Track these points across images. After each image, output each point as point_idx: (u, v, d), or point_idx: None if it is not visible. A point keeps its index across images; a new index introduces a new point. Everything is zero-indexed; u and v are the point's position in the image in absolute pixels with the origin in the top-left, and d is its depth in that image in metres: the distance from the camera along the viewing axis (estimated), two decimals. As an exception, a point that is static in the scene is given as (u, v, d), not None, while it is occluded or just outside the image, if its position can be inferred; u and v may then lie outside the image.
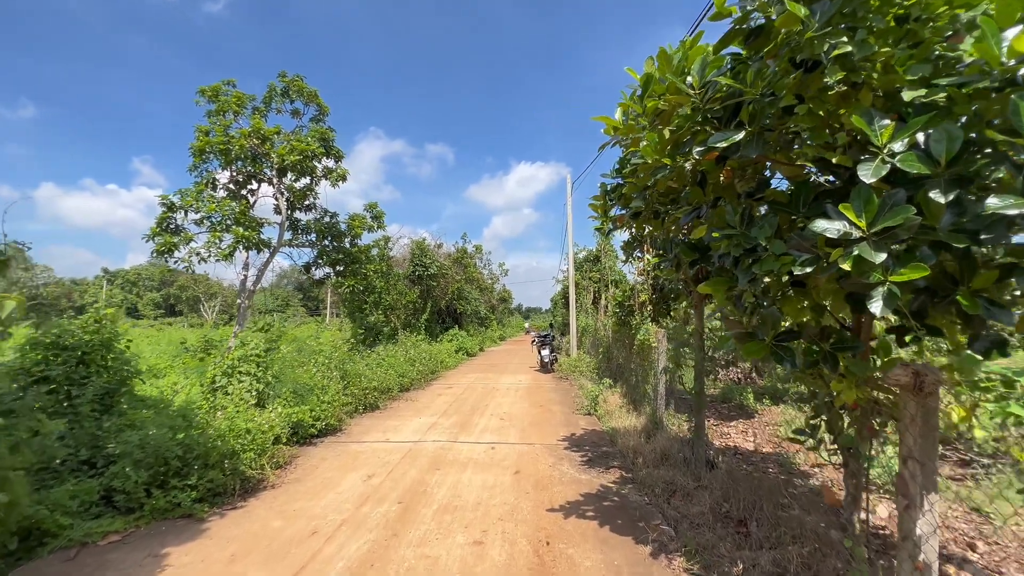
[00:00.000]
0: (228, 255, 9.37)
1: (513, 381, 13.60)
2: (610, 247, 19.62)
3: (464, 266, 26.21)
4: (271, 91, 11.06)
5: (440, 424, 8.10)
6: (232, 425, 5.27)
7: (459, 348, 21.62)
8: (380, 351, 12.95)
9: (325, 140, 11.06)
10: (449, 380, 14.02)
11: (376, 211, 12.72)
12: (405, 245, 23.66)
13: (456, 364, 18.31)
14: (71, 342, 5.92)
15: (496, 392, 11.59)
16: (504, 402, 10.20)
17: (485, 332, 31.08)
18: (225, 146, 9.60)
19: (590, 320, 19.60)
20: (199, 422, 5.31)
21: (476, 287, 30.57)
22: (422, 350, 14.24)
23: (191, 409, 5.80)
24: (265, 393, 6.65)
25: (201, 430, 4.96)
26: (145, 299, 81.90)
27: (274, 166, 10.90)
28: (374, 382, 9.41)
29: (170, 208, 9.29)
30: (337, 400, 7.63)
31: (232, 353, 6.61)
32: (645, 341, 8.35)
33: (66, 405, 5.28)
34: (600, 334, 14.31)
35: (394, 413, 9.09)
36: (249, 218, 9.91)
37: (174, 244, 9.08)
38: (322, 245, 12.57)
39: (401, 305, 21.76)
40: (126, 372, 6.08)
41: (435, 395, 11.24)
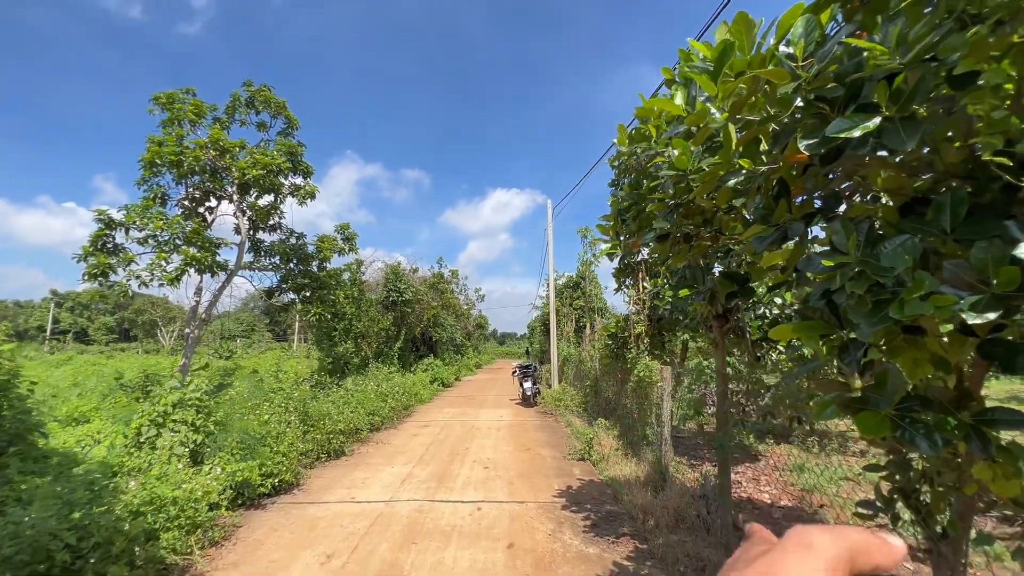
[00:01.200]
0: (175, 279, 8.22)
1: (494, 417, 12.58)
2: (592, 273, 19.06)
3: (440, 291, 25.23)
4: (234, 100, 10.12)
5: (415, 475, 7.04)
6: (152, 495, 4.16)
7: (434, 378, 20.44)
8: (349, 385, 11.77)
9: (293, 155, 10.14)
10: (425, 416, 12.88)
11: (348, 232, 11.76)
12: (379, 269, 22.60)
13: (431, 397, 17.13)
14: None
15: (477, 431, 10.55)
16: (487, 444, 9.19)
17: (461, 360, 29.89)
18: (177, 157, 8.56)
19: (572, 349, 18.82)
20: (111, 490, 4.18)
21: (452, 313, 29.53)
22: (395, 383, 13.11)
23: (105, 472, 4.64)
24: (205, 446, 5.51)
25: (107, 506, 3.84)
26: (97, 323, 77.10)
27: (235, 181, 9.89)
28: (340, 424, 8.29)
29: (108, 225, 8.12)
30: (294, 450, 6.51)
31: (165, 397, 5.48)
32: (644, 377, 7.59)
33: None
34: (587, 365, 13.52)
35: (363, 460, 7.97)
36: (203, 238, 8.81)
37: (109, 266, 7.89)
38: (287, 268, 11.48)
39: (373, 333, 20.53)
40: (23, 424, 4.89)
41: (409, 436, 10.12)
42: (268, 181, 9.65)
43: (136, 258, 8.29)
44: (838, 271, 1.87)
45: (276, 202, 10.57)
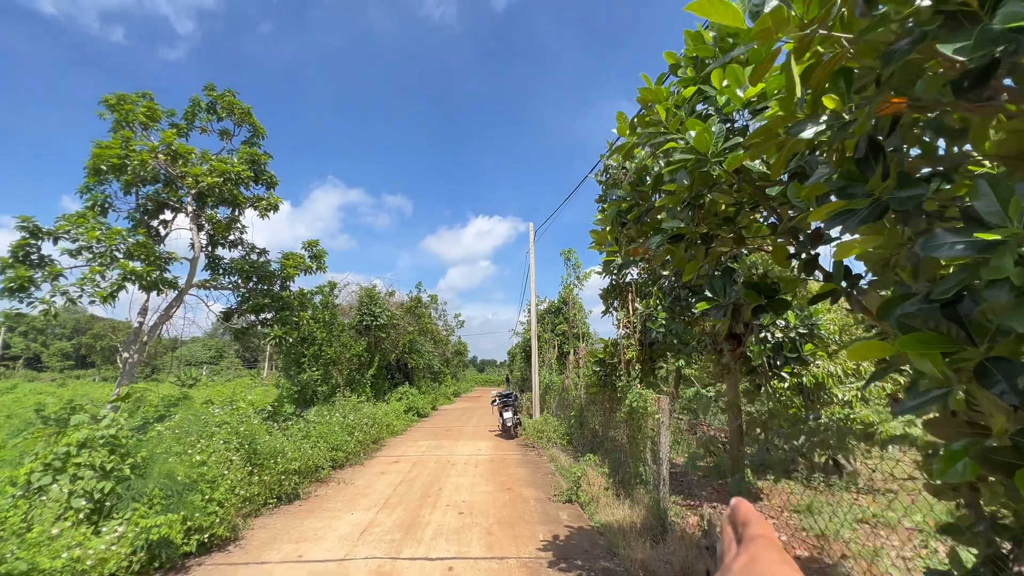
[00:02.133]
0: (110, 295, 7.22)
1: (472, 451, 11.60)
2: (575, 298, 18.46)
3: (418, 316, 24.26)
4: (194, 105, 9.35)
5: (379, 524, 6.08)
6: (12, 569, 3.18)
7: (409, 408, 19.28)
8: (311, 416, 10.68)
9: (255, 163, 9.36)
10: (396, 449, 11.81)
11: (316, 250, 10.90)
12: (353, 292, 21.58)
13: (405, 428, 16.02)
14: None
15: (452, 468, 9.58)
16: (463, 484, 8.24)
17: (438, 388, 28.69)
18: (120, 161, 7.69)
19: (555, 377, 18.01)
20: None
21: (430, 339, 28.46)
22: (364, 413, 12.04)
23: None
24: (115, 496, 4.50)
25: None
26: (52, 348, 72.89)
27: (190, 191, 9.02)
28: (294, 462, 7.27)
29: (33, 233, 7.13)
30: (232, 496, 5.50)
31: (69, 435, 4.50)
32: (638, 407, 6.87)
33: None
34: (571, 394, 12.74)
35: (319, 505, 6.94)
36: (147, 250, 7.87)
37: (29, 280, 6.86)
38: (247, 288, 10.51)
39: (345, 359, 19.36)
40: None
41: (376, 474, 9.09)
42: (226, 191, 8.80)
43: (64, 272, 7.28)
44: (995, 251, 1.22)
45: (235, 215, 9.71)
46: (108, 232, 7.49)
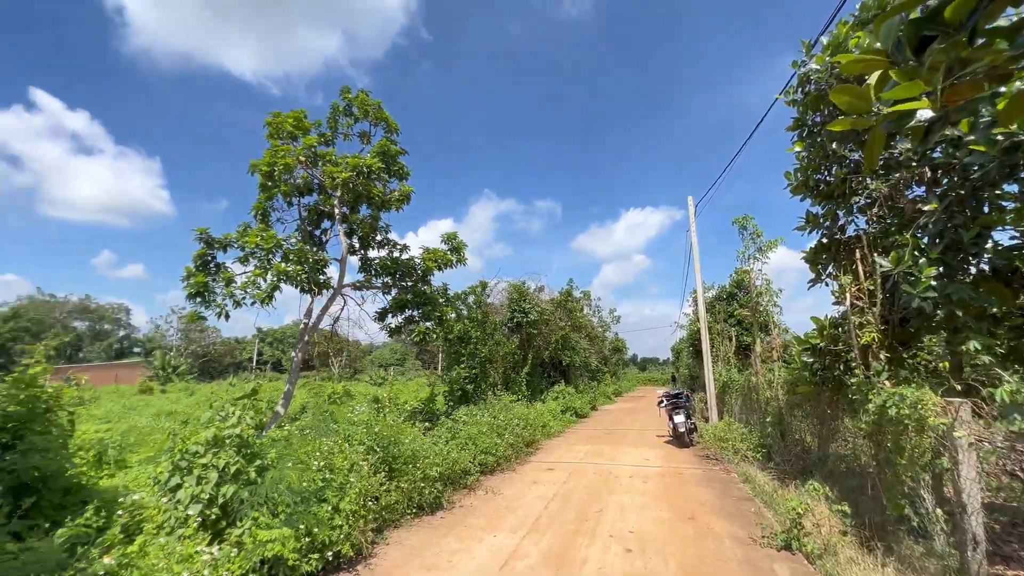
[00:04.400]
0: (267, 297, 7.54)
1: (638, 460, 9.83)
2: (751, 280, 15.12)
3: (569, 311, 23.09)
4: (334, 111, 9.68)
5: (523, 555, 4.88)
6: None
7: (567, 408, 18.17)
8: (460, 415, 10.21)
9: (385, 154, 9.20)
10: (551, 454, 10.69)
11: (456, 242, 10.46)
12: (503, 291, 21.43)
13: (562, 429, 14.89)
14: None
15: (616, 481, 8.01)
16: (629, 504, 6.63)
17: (597, 388, 27.12)
18: (269, 168, 8.10)
19: (734, 374, 14.97)
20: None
21: (584, 335, 27.09)
22: (515, 413, 11.21)
23: (78, 540, 3.42)
24: (237, 501, 4.13)
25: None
26: (287, 355, 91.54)
27: (335, 192, 9.25)
28: (436, 468, 6.57)
29: (208, 243, 7.88)
30: (361, 508, 4.88)
31: (197, 434, 4.31)
32: (900, 415, 4.40)
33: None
34: (763, 395, 10.04)
35: (461, 519, 6.08)
36: (302, 254, 8.13)
37: (206, 285, 7.52)
38: (399, 285, 10.55)
39: (499, 357, 19.20)
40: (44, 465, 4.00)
41: (528, 483, 8.03)
42: (360, 184, 8.77)
43: (235, 277, 7.88)
44: None
45: (376, 213, 9.74)
46: (266, 238, 7.89)
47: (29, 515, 3.98)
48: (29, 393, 4.33)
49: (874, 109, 1.88)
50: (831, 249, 6.31)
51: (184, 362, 51.12)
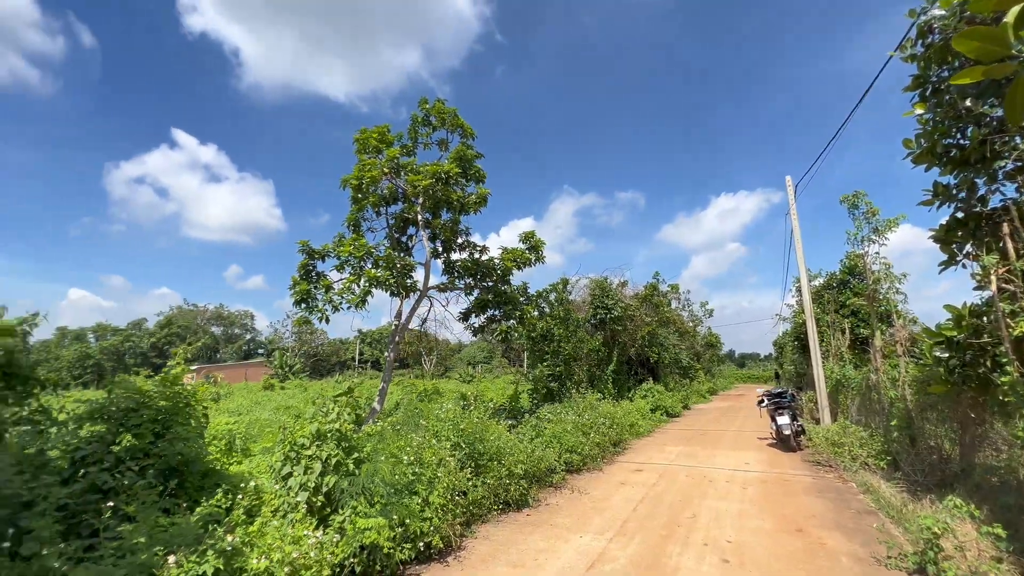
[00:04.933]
0: (360, 301, 8.14)
1: (736, 463, 9.16)
2: (868, 265, 13.35)
3: (655, 306, 22.14)
4: (414, 122, 10.18)
5: (610, 558, 4.76)
6: (227, 566, 3.11)
7: (656, 406, 17.46)
8: (544, 413, 10.22)
9: (462, 159, 9.47)
10: (640, 455, 10.34)
11: (534, 240, 10.49)
12: (584, 288, 21.13)
13: (651, 429, 14.33)
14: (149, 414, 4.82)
15: (710, 486, 7.53)
16: (725, 511, 6.19)
17: (690, 385, 25.74)
18: (358, 181, 8.71)
19: (849, 370, 13.37)
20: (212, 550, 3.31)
21: (674, 331, 25.83)
22: (601, 412, 10.98)
23: (210, 519, 3.92)
24: (338, 490, 4.49)
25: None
26: (383, 355, 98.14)
27: (417, 199, 9.73)
28: (520, 465, 6.63)
29: (309, 254, 8.69)
30: (449, 502, 5.07)
31: (303, 427, 4.75)
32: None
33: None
34: (886, 394, 8.84)
35: (547, 518, 6.08)
36: (390, 260, 8.66)
37: (309, 292, 8.30)
38: (480, 286, 10.85)
39: (583, 354, 18.96)
40: (180, 458, 4.67)
41: (615, 484, 7.83)
42: (439, 190, 9.12)
43: (333, 284, 8.60)
44: None
45: (456, 216, 10.08)
46: (358, 247, 8.51)
47: (176, 494, 4.66)
48: (173, 390, 5.07)
49: (1014, 51, 1.55)
50: (968, 224, 5.36)
51: (298, 361, 57.01)
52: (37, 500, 3.65)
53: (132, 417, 4.72)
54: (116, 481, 4.18)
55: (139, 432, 4.65)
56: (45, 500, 3.55)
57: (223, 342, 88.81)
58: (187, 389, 5.19)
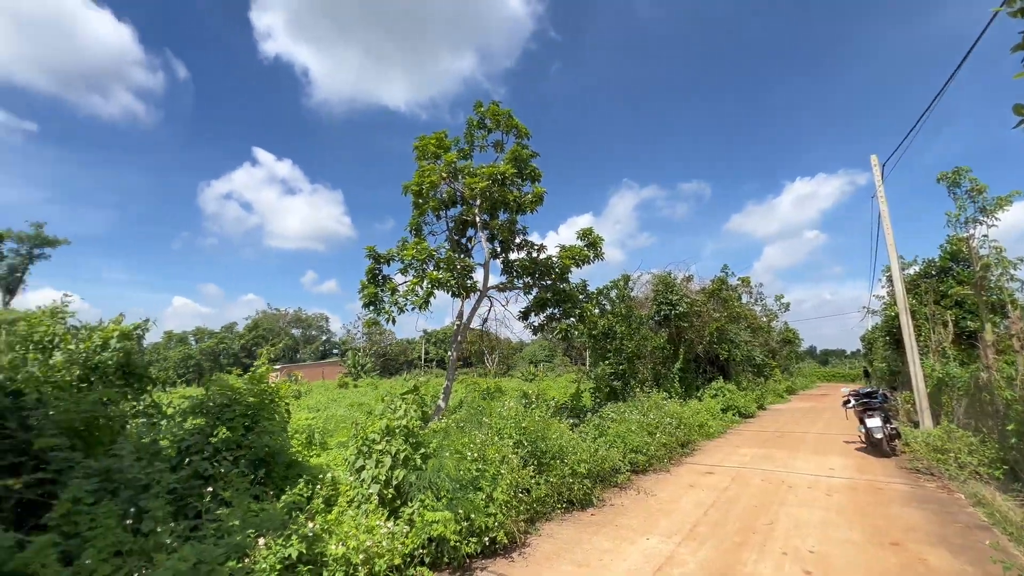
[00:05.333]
0: (424, 302, 8.45)
1: (819, 469, 8.51)
2: (982, 241, 11.82)
3: (724, 300, 21.06)
4: (469, 126, 10.40)
5: (680, 562, 4.60)
6: (309, 551, 3.36)
7: (727, 406, 16.61)
8: (608, 411, 10.05)
9: (518, 159, 9.53)
10: (710, 456, 9.89)
11: (592, 237, 10.36)
12: (647, 283, 20.52)
13: (722, 430, 13.64)
14: (240, 409, 5.32)
15: (790, 492, 7.05)
16: (807, 520, 5.77)
17: (764, 384, 24.20)
18: (418, 187, 9.04)
19: (953, 368, 11.96)
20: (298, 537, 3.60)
21: (745, 327, 24.39)
22: (667, 412, 10.62)
23: (291, 507, 4.24)
24: (407, 484, 4.70)
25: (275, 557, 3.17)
26: (447, 354, 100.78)
27: (474, 202, 9.94)
28: (583, 464, 6.58)
29: (375, 259, 9.14)
30: (514, 499, 5.13)
31: (373, 423, 5.02)
32: None
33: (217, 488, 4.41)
34: (1000, 395, 7.83)
35: (612, 518, 5.99)
36: (447, 260, 8.93)
37: (376, 295, 8.73)
38: (539, 285, 10.89)
39: (647, 352, 18.42)
40: (267, 450, 5.09)
41: (684, 486, 7.55)
42: (495, 191, 9.25)
43: (398, 286, 8.99)
44: None
45: (513, 217, 10.18)
46: (419, 250, 8.83)
47: (264, 483, 5.10)
48: (259, 388, 5.55)
49: None
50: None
51: (369, 361, 60.14)
52: (152, 484, 4.14)
53: (226, 412, 5.22)
54: (214, 469, 4.66)
55: (232, 425, 5.13)
56: (158, 484, 4.02)
57: (302, 343, 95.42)
58: (271, 387, 5.65)
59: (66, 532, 3.58)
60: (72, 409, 4.91)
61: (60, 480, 4.29)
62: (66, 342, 5.78)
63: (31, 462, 4.51)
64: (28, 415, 4.81)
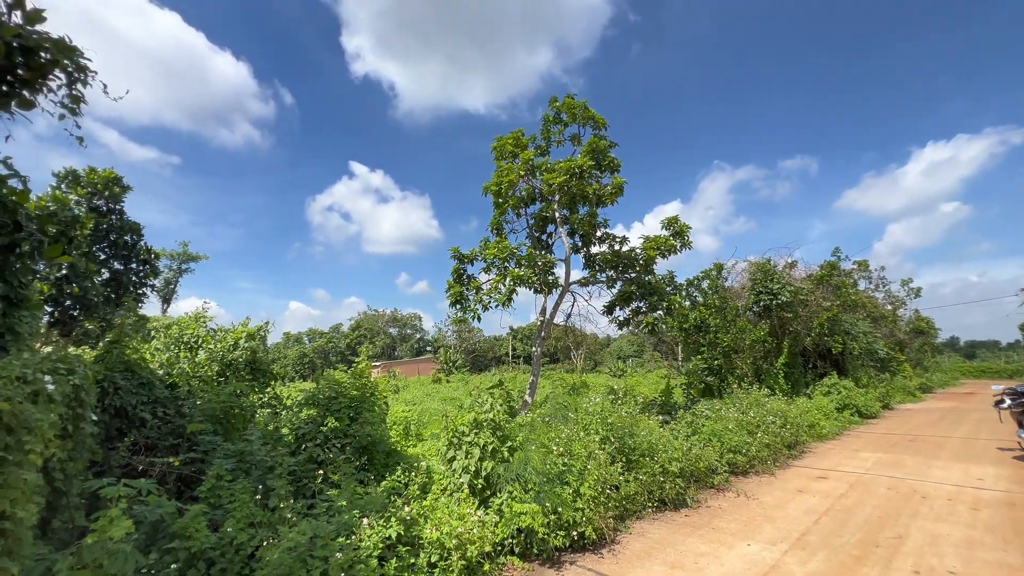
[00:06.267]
0: (507, 299, 8.64)
1: (963, 479, 7.35)
2: None
3: (836, 287, 18.91)
4: (545, 121, 10.39)
5: (786, 571, 4.25)
6: (400, 532, 3.61)
7: (843, 405, 14.93)
8: (702, 408, 9.52)
9: (596, 151, 9.33)
10: (823, 460, 8.97)
11: (678, 226, 9.85)
12: (743, 271, 19.08)
13: (838, 431, 12.28)
14: (344, 401, 5.88)
15: (923, 503, 6.18)
16: (947, 537, 5.02)
17: (891, 381, 21.34)
18: (498, 187, 9.24)
19: None
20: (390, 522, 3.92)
21: (864, 316, 21.68)
22: (769, 410, 9.80)
23: (391, 493, 4.57)
24: (495, 475, 4.85)
25: (370, 541, 3.47)
26: (532, 351, 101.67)
27: (556, 198, 9.94)
28: (675, 463, 6.32)
29: (459, 259, 9.50)
30: (601, 495, 5.08)
31: (463, 416, 5.24)
32: None
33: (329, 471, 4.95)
34: None
35: (708, 520, 5.69)
36: (528, 257, 9.04)
37: (461, 294, 9.09)
38: (623, 278, 10.62)
39: (745, 346, 17.12)
40: (369, 439, 5.55)
41: (791, 491, 6.93)
42: (573, 186, 9.14)
43: (482, 285, 9.28)
44: None
45: (593, 210, 10.01)
46: (501, 249, 9.04)
47: (367, 469, 5.57)
48: (361, 382, 6.07)
49: None
50: None
51: (459, 357, 62.68)
52: (275, 466, 4.72)
53: (333, 404, 5.78)
54: (325, 454, 5.19)
55: (339, 416, 5.67)
56: (280, 466, 4.57)
57: (399, 341, 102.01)
58: (372, 382, 6.15)
59: (212, 503, 4.20)
60: (214, 399, 5.75)
61: (207, 460, 5.05)
62: (207, 342, 6.77)
63: (186, 443, 5.36)
64: (182, 404, 5.72)
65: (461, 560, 3.81)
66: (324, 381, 5.95)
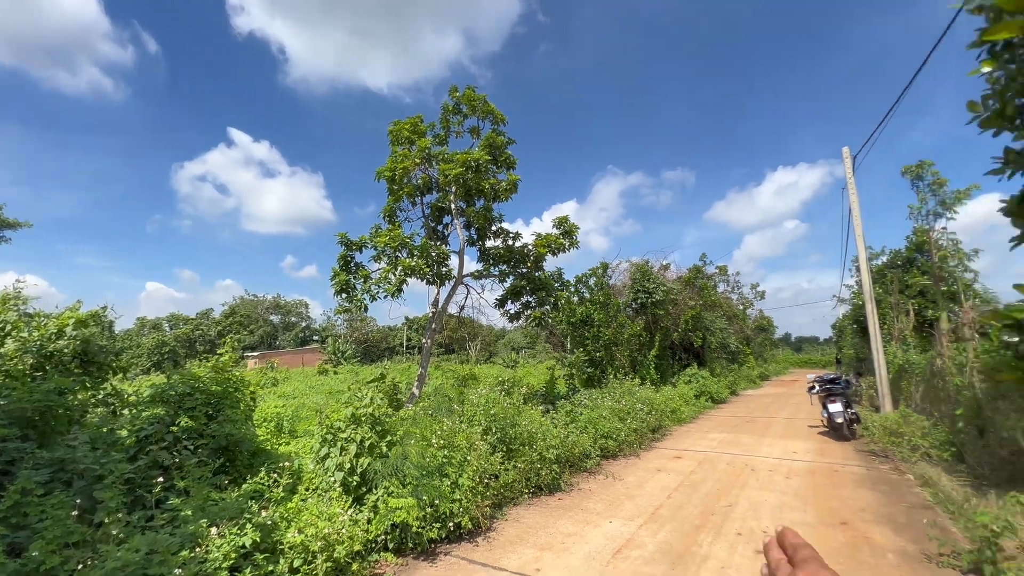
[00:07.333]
0: (396, 290, 8.38)
1: (782, 452, 8.81)
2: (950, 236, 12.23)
3: (700, 289, 21.42)
4: (445, 111, 10.24)
5: (638, 544, 4.74)
6: (265, 539, 3.35)
7: (700, 392, 17.00)
8: (582, 398, 10.20)
9: (493, 147, 9.45)
10: (681, 441, 10.15)
11: (567, 225, 10.37)
12: (625, 271, 20.73)
13: (695, 415, 13.98)
14: (202, 397, 5.24)
15: (752, 475, 7.30)
16: (765, 502, 5.99)
17: (738, 370, 24.82)
18: (392, 173, 8.91)
19: (913, 355, 12.45)
20: (257, 524, 3.59)
21: (721, 314, 24.90)
22: (640, 397, 10.82)
23: (247, 497, 4.22)
24: (372, 471, 4.71)
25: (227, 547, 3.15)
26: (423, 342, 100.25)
27: (452, 190, 9.84)
28: (552, 450, 6.68)
29: (347, 245, 9.01)
30: (480, 484, 5.19)
31: (338, 411, 5.01)
32: None
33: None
34: (952, 381, 8.18)
35: (578, 502, 6.12)
36: (421, 247, 8.85)
37: (347, 282, 8.63)
38: (515, 273, 10.89)
39: (623, 340, 18.70)
40: (231, 438, 5.04)
41: (651, 470, 7.74)
42: (470, 179, 9.16)
43: (370, 274, 8.90)
44: None
45: (488, 204, 10.12)
46: (393, 237, 8.73)
47: (227, 471, 5.06)
48: (223, 376, 5.47)
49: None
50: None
51: (350, 348, 59.55)
52: (106, 474, 4.07)
53: (188, 400, 5.14)
54: (174, 459, 4.60)
55: (194, 414, 5.06)
56: (112, 474, 3.95)
57: (281, 330, 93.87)
58: (236, 375, 5.57)
59: (14, 524, 3.51)
60: (24, 399, 4.78)
61: (11, 471, 4.19)
62: (18, 329, 5.59)
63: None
64: (-25, 405, 4.66)
65: (327, 562, 3.64)
66: (177, 375, 5.26)
